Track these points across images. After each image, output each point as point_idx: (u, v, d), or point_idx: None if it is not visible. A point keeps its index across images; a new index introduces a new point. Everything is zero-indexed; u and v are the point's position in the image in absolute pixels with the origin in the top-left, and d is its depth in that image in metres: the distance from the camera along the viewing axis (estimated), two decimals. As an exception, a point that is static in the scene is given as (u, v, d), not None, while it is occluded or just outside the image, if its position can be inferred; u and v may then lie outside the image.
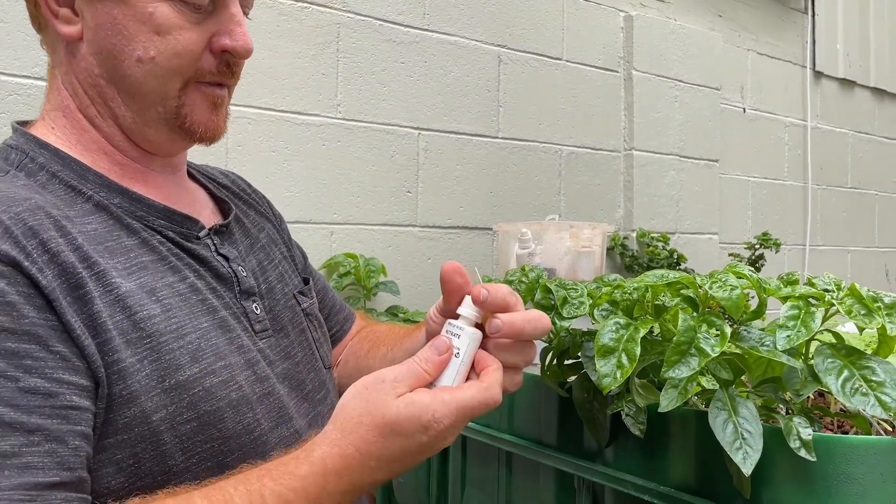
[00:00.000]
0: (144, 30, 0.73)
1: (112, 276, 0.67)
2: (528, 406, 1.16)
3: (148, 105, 0.77)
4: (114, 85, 0.76)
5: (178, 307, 0.72)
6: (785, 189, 3.05)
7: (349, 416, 0.64)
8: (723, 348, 0.77)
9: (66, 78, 0.77)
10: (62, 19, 0.74)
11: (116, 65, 0.75)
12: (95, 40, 0.74)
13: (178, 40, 0.74)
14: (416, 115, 1.93)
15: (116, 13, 0.73)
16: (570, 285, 0.96)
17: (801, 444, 0.78)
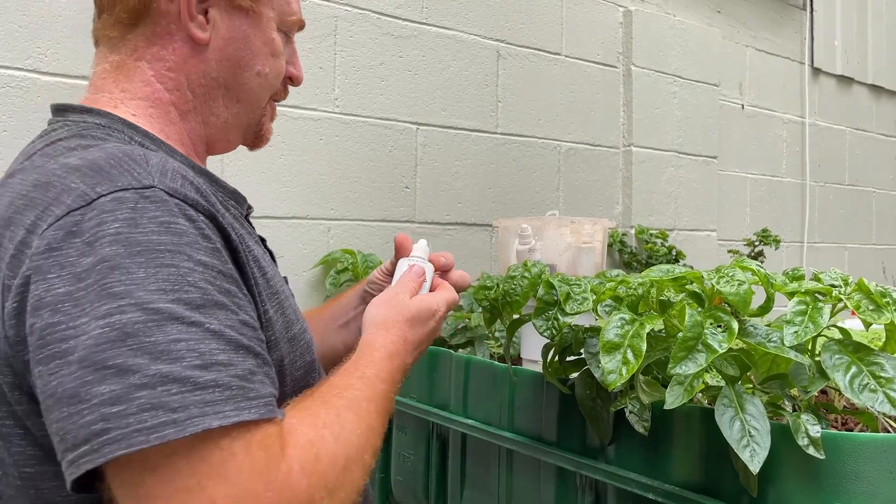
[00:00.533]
0: (266, 51, 0.87)
1: (248, 242, 0.77)
2: (529, 403, 1.14)
3: (247, 110, 0.89)
4: (225, 88, 0.86)
5: (274, 272, 0.84)
6: (783, 186, 3.04)
7: (385, 319, 0.87)
8: (731, 344, 0.76)
9: (168, 73, 0.83)
10: (197, 24, 0.82)
11: (238, 73, 0.85)
12: (224, 48, 0.84)
13: (281, 64, 0.89)
14: (414, 109, 1.92)
15: (249, 32, 0.85)
16: (573, 281, 0.95)
17: (809, 441, 0.77)
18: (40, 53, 1.40)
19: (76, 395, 0.57)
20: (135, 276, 0.60)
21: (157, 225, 0.63)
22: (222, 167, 1.61)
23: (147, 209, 0.64)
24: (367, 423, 0.71)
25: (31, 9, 1.39)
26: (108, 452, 0.55)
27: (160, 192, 0.65)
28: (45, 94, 1.40)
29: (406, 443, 1.47)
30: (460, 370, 1.30)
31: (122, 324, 0.58)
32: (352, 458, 0.67)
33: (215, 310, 0.63)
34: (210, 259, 0.65)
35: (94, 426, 0.56)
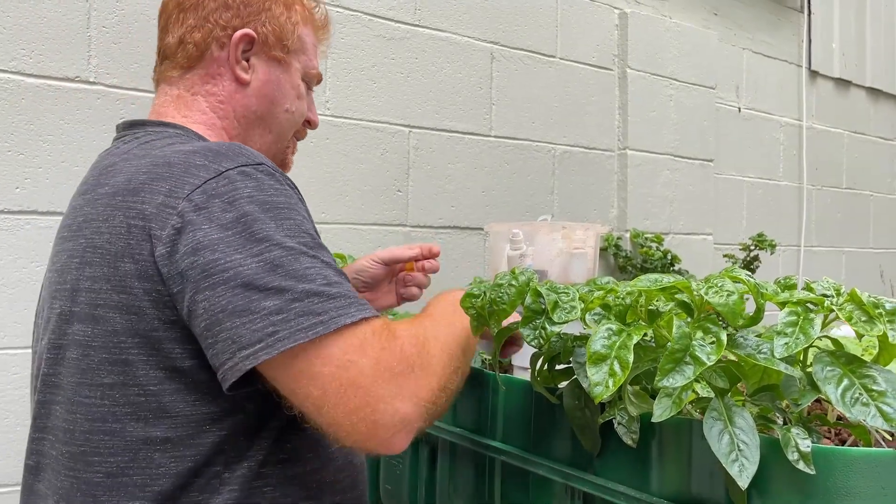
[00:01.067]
0: (293, 93, 1.11)
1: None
2: (518, 412, 1.12)
3: (276, 140, 1.12)
4: (262, 120, 1.09)
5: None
6: (779, 189, 3.03)
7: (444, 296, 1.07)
8: (719, 356, 0.74)
9: (218, 105, 1.06)
10: (241, 67, 1.06)
11: (272, 108, 1.09)
12: (262, 88, 1.08)
13: (304, 106, 1.14)
14: (406, 112, 1.90)
15: (282, 77, 1.09)
16: (561, 289, 0.93)
17: (799, 456, 0.75)
18: (25, 55, 1.38)
19: (247, 308, 0.79)
20: (269, 225, 0.82)
21: (275, 190, 0.86)
22: (211, 170, 1.59)
23: (264, 179, 0.87)
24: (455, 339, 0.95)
25: (15, 11, 1.38)
26: (280, 346, 0.78)
27: (268, 167, 0.89)
28: (30, 96, 1.38)
29: (395, 450, 1.45)
30: (449, 377, 1.29)
31: (272, 258, 0.80)
32: (446, 348, 0.91)
33: (322, 250, 0.86)
34: (307, 216, 0.90)
35: (266, 329, 0.78)
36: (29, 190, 1.39)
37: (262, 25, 1.06)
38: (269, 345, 0.78)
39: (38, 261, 1.39)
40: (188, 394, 0.86)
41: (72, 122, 1.43)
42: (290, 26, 1.09)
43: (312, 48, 1.15)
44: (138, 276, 0.85)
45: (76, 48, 1.43)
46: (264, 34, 1.06)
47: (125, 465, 0.86)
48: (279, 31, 1.07)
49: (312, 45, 1.15)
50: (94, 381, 0.87)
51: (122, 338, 0.86)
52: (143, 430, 0.86)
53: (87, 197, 0.96)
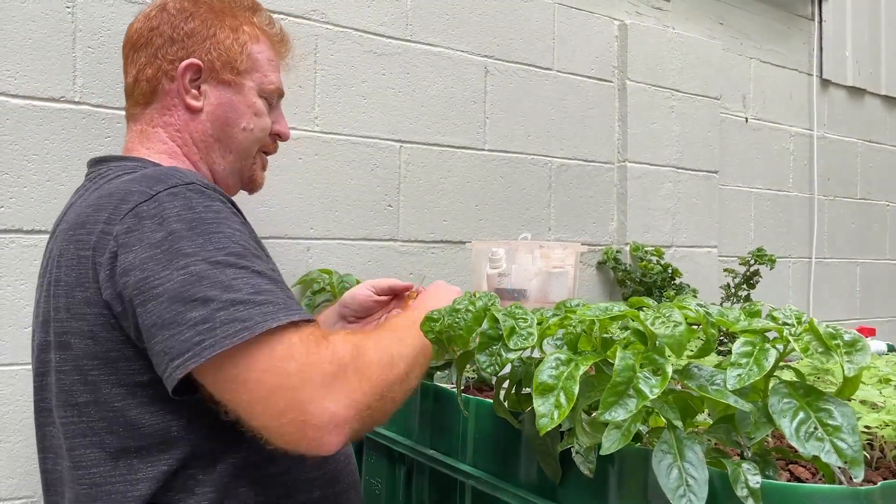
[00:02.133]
0: (249, 112, 1.17)
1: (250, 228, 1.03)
2: (487, 436, 1.11)
3: (238, 158, 1.19)
4: (220, 142, 1.16)
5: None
6: (789, 200, 2.97)
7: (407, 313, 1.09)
8: (662, 389, 0.72)
9: (176, 134, 1.14)
10: (192, 96, 1.13)
11: (228, 129, 1.16)
12: (215, 112, 1.15)
13: (264, 121, 1.20)
14: (397, 127, 1.90)
15: (234, 98, 1.15)
16: (519, 314, 0.92)
17: (748, 492, 0.73)
18: (10, 76, 1.40)
19: (174, 321, 0.83)
20: (196, 241, 0.86)
21: (204, 207, 0.91)
22: (197, 187, 1.60)
23: (193, 197, 0.91)
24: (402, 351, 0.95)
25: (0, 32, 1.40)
26: (207, 354, 0.81)
27: (198, 186, 0.93)
28: (15, 117, 1.40)
29: (375, 470, 1.44)
30: (423, 397, 1.28)
31: (197, 271, 0.84)
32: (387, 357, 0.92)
33: (255, 259, 0.89)
34: (242, 228, 0.93)
35: (194, 339, 0.82)
36: (14, 209, 1.40)
37: (207, 53, 1.12)
38: (197, 353, 0.82)
39: (23, 279, 1.40)
40: (151, 405, 0.92)
41: (56, 141, 1.44)
42: (238, 48, 1.14)
43: (268, 64, 1.19)
44: (88, 302, 0.92)
45: (61, 69, 1.45)
46: (210, 61, 1.13)
47: (107, 474, 0.92)
48: (226, 55, 1.13)
49: (268, 60, 1.19)
50: (70, 402, 0.94)
51: (85, 361, 0.93)
52: (119, 442, 0.92)
53: (53, 236, 1.06)
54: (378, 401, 0.89)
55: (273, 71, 1.20)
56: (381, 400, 0.90)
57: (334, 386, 0.84)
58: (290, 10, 1.73)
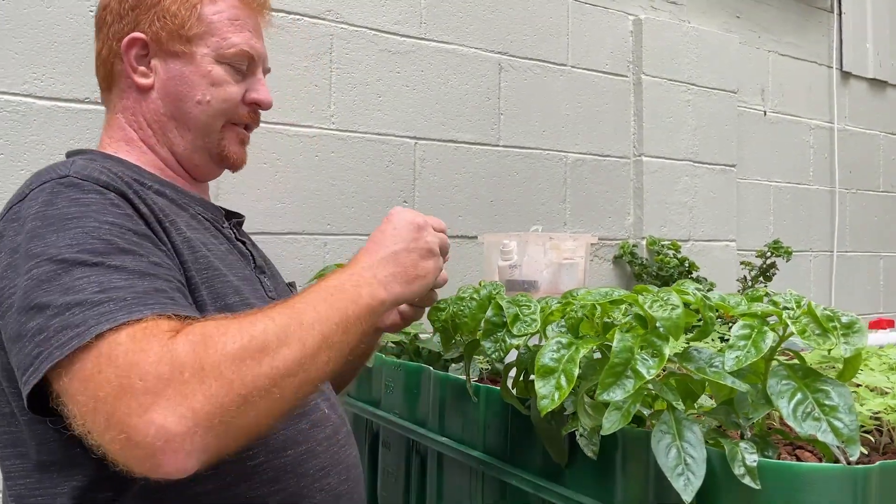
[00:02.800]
0: (204, 82, 1.03)
1: (180, 225, 0.92)
2: (497, 423, 1.14)
3: (198, 136, 1.05)
4: (174, 120, 1.03)
5: (222, 258, 0.96)
6: (809, 194, 2.96)
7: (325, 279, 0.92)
8: (659, 370, 0.74)
9: (132, 118, 1.04)
10: (140, 73, 1.02)
11: (180, 105, 1.03)
12: (165, 88, 1.02)
13: (226, 91, 1.04)
14: (412, 124, 1.93)
15: (185, 70, 1.02)
16: (523, 302, 0.94)
17: (745, 470, 0.75)
18: (35, 79, 1.45)
19: (18, 334, 0.74)
20: (48, 240, 0.77)
21: (69, 201, 0.81)
22: (217, 185, 1.64)
23: (61, 191, 0.82)
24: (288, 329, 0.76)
25: (26, 36, 1.45)
26: (42, 368, 0.71)
27: (72, 178, 0.84)
28: (41, 119, 1.45)
29: (390, 459, 1.47)
30: (437, 387, 1.30)
31: (38, 275, 0.75)
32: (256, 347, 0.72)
33: (120, 254, 0.78)
34: (119, 220, 0.81)
35: (33, 352, 0.72)
36: (41, 207, 1.45)
37: (151, 24, 1.01)
38: (36, 368, 0.71)
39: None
40: (53, 421, 0.79)
41: (82, 141, 1.49)
42: (186, 12, 1.01)
43: (229, 25, 1.04)
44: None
45: (86, 70, 1.50)
46: (154, 32, 1.01)
47: (33, 486, 0.84)
48: (171, 22, 1.01)
49: (229, 20, 1.04)
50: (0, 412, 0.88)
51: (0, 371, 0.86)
52: (38, 455, 0.84)
53: None
54: (240, 405, 0.70)
55: (236, 32, 1.04)
56: (246, 403, 0.70)
57: (164, 392, 0.67)
58: (306, 11, 1.77)
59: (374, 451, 1.56)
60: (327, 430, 1.00)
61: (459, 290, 0.97)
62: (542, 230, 1.41)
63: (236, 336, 0.72)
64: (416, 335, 1.72)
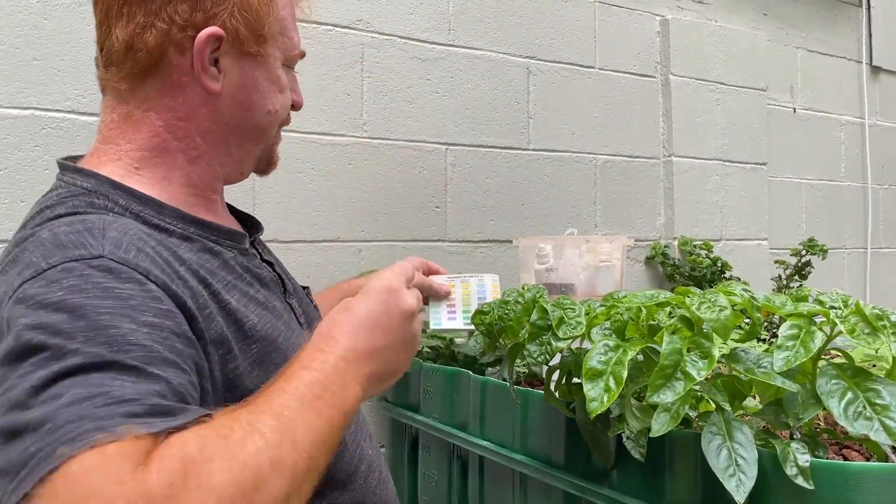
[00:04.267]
0: (274, 89, 0.90)
1: (221, 293, 0.78)
2: (539, 426, 1.14)
3: (258, 146, 0.93)
4: (237, 130, 0.89)
5: (263, 315, 0.83)
6: (842, 190, 2.92)
7: (329, 329, 0.79)
8: (709, 371, 0.75)
9: (179, 123, 0.85)
10: (210, 76, 0.85)
11: (250, 115, 0.89)
12: (236, 94, 0.87)
13: (287, 97, 0.93)
14: (442, 130, 1.94)
15: (258, 74, 0.88)
16: (567, 305, 0.95)
17: (797, 471, 0.75)
18: (78, 95, 1.49)
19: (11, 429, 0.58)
20: (74, 335, 0.60)
21: (101, 290, 0.65)
22: (254, 195, 1.67)
23: (93, 275, 0.66)
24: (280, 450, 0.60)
25: (68, 54, 1.48)
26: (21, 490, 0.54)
27: (108, 261, 0.67)
28: (84, 133, 1.49)
29: (430, 463, 1.48)
30: (477, 391, 1.31)
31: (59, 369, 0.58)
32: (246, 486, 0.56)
33: (162, 365, 0.62)
34: (159, 320, 0.65)
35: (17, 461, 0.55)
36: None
37: (231, 17, 0.84)
38: (12, 490, 0.55)
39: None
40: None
41: (123, 155, 1.52)
42: (265, 8, 0.86)
43: (290, 20, 0.92)
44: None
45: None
46: (234, 28, 0.84)
47: None
48: (252, 18, 0.85)
49: (291, 16, 0.93)
50: None
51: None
52: None
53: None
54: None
55: (296, 30, 0.94)
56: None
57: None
58: (338, 21, 1.79)
59: (413, 455, 1.57)
60: (375, 472, 0.92)
61: (504, 294, 0.98)
62: (576, 233, 1.42)
63: (224, 464, 0.55)
64: (451, 340, 1.73)
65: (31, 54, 1.46)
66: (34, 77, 1.46)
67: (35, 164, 1.45)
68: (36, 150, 1.45)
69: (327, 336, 0.75)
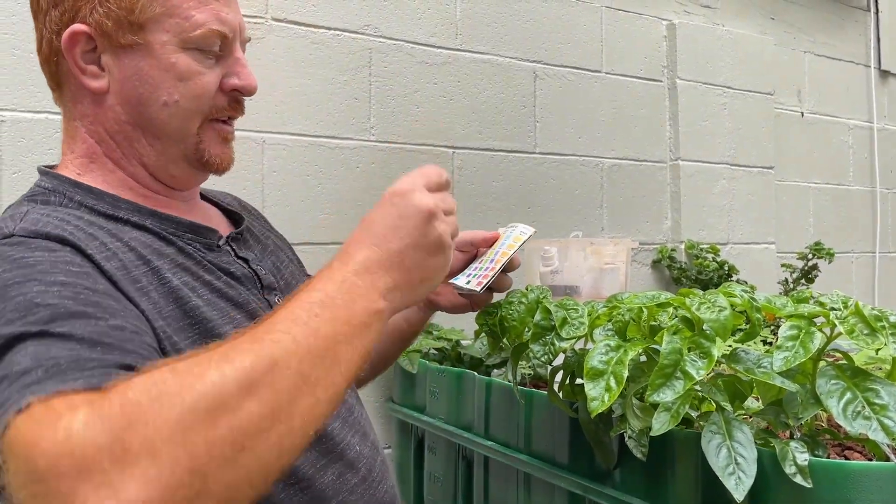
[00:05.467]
0: (168, 77, 0.83)
1: (163, 272, 0.78)
2: (543, 425, 1.15)
3: (171, 143, 0.87)
4: (140, 128, 0.85)
5: (216, 301, 0.81)
6: (850, 194, 2.92)
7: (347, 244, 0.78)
8: (708, 371, 0.76)
9: (91, 127, 0.86)
10: (90, 75, 0.83)
11: (143, 110, 0.84)
12: (122, 91, 0.84)
13: (198, 84, 0.85)
14: (449, 134, 1.96)
15: (143, 65, 0.83)
16: (570, 305, 0.96)
17: (796, 469, 0.76)
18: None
19: None
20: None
21: (10, 263, 0.68)
22: (263, 198, 1.69)
23: (4, 253, 0.69)
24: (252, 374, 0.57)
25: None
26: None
27: (18, 237, 0.71)
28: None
29: (436, 464, 1.49)
30: (482, 392, 1.32)
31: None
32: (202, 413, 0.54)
33: (70, 319, 0.62)
34: (72, 279, 0.67)
35: None
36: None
37: (93, 11, 0.81)
38: None
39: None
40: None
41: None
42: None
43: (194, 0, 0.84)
44: None
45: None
46: (98, 22, 0.81)
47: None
48: (119, 6, 0.81)
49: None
50: None
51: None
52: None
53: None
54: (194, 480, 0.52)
55: (199, 6, 0.84)
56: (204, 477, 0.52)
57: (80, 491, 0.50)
58: (346, 27, 1.81)
59: (419, 456, 1.58)
60: (360, 472, 0.86)
61: (508, 296, 0.99)
62: (581, 236, 1.43)
63: (175, 399, 0.53)
64: (457, 341, 1.75)
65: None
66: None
67: (48, 167, 1.48)
68: (49, 153, 1.47)
69: (344, 252, 0.73)
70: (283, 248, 1.07)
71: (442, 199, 0.79)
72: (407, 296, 0.74)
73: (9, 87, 1.47)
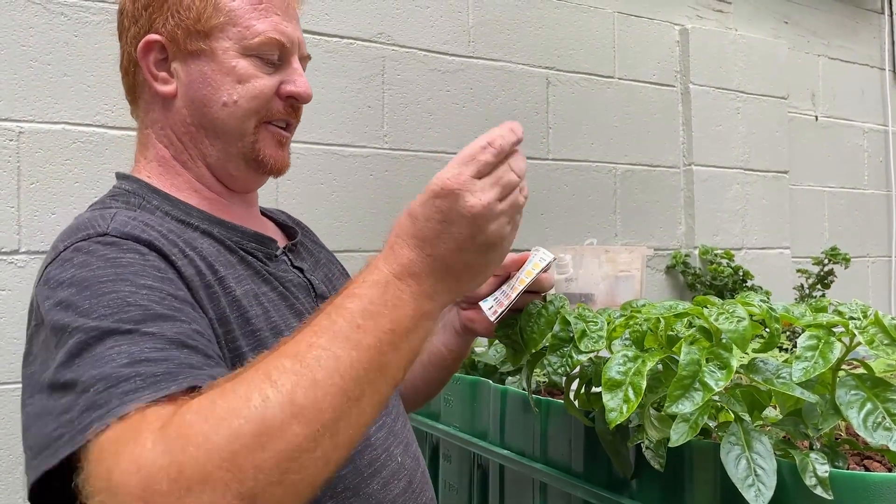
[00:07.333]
0: (229, 80, 0.91)
1: (229, 281, 0.83)
2: (559, 435, 1.15)
3: (230, 142, 0.93)
4: (203, 129, 0.92)
5: (274, 310, 0.87)
6: (865, 198, 2.90)
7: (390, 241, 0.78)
8: (727, 382, 0.75)
9: (161, 132, 0.94)
10: (161, 81, 0.92)
11: (206, 111, 0.91)
12: (188, 94, 0.91)
13: (255, 86, 0.92)
14: (462, 141, 1.95)
15: (206, 69, 0.91)
16: (590, 317, 0.96)
17: (816, 481, 0.75)
18: (107, 110, 1.53)
19: (43, 410, 0.66)
20: (81, 307, 0.69)
21: (104, 261, 0.73)
22: (276, 206, 1.69)
23: (98, 250, 0.74)
24: (294, 395, 0.58)
25: (97, 70, 1.52)
26: (61, 453, 0.62)
27: (111, 237, 0.76)
28: (113, 147, 1.53)
29: (451, 472, 1.49)
30: (497, 400, 1.32)
31: (71, 347, 0.66)
32: (248, 438, 0.56)
33: (158, 321, 0.68)
34: (158, 284, 0.73)
35: (53, 433, 0.63)
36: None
37: (166, 22, 0.90)
38: (52, 452, 0.63)
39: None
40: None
41: (150, 167, 1.56)
42: (201, 3, 0.90)
43: (251, 11, 0.92)
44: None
45: (153, 100, 1.56)
46: (170, 31, 0.90)
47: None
48: (187, 17, 0.90)
49: (250, 5, 0.92)
50: None
51: None
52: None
53: None
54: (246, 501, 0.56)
55: (261, 17, 0.92)
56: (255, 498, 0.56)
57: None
58: (359, 35, 1.82)
59: (434, 464, 1.58)
60: (402, 482, 0.89)
61: (528, 307, 0.99)
62: (596, 243, 1.42)
63: (223, 422, 0.56)
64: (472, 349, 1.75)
65: (61, 70, 1.50)
66: (65, 92, 1.50)
67: (65, 178, 1.49)
68: (66, 163, 1.49)
69: (391, 246, 0.71)
70: (334, 262, 1.13)
71: (497, 181, 0.71)
72: (455, 293, 0.73)
73: (27, 98, 1.48)
